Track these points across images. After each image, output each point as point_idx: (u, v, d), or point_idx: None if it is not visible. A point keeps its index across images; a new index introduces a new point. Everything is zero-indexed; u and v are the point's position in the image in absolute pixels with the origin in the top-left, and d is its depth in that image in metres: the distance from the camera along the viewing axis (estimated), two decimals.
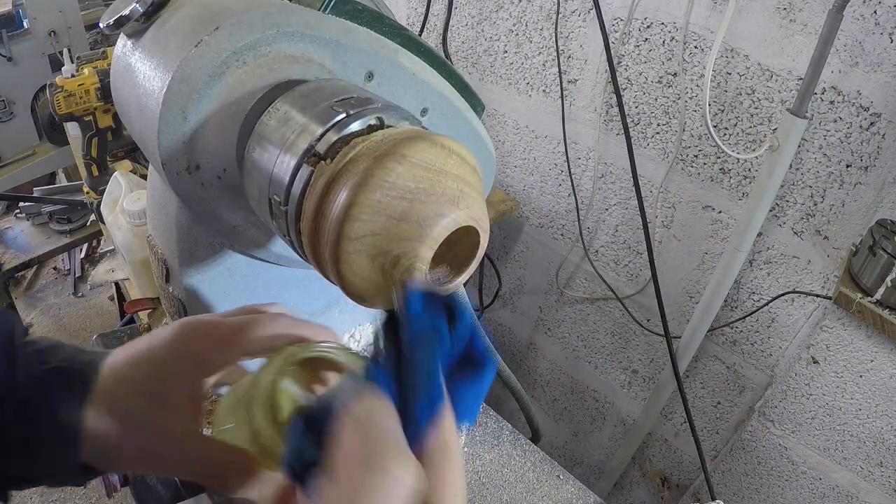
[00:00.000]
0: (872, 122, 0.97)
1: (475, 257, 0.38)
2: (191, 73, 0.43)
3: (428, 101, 0.55)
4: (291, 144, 0.38)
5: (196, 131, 0.44)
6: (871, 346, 1.05)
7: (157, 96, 0.43)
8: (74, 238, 2.48)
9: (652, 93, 1.22)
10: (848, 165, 1.02)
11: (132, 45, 0.48)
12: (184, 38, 0.44)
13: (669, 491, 1.58)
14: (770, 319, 1.22)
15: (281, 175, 0.38)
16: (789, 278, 1.17)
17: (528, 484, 0.93)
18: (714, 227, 1.23)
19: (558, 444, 1.84)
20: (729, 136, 1.14)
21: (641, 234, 1.34)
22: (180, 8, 0.47)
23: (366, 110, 0.38)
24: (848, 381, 1.11)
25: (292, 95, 0.42)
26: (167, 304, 0.60)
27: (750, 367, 1.30)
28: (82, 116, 1.27)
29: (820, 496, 1.25)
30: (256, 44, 0.44)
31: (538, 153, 1.50)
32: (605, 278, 1.47)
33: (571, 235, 1.51)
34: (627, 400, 1.60)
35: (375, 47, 0.50)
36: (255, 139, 0.43)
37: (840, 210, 1.06)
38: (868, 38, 0.93)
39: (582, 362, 1.66)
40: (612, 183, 1.37)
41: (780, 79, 1.04)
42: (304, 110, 0.40)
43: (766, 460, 1.29)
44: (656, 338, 1.44)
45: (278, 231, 0.41)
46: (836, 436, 1.17)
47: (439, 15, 1.55)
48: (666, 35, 1.16)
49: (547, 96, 1.41)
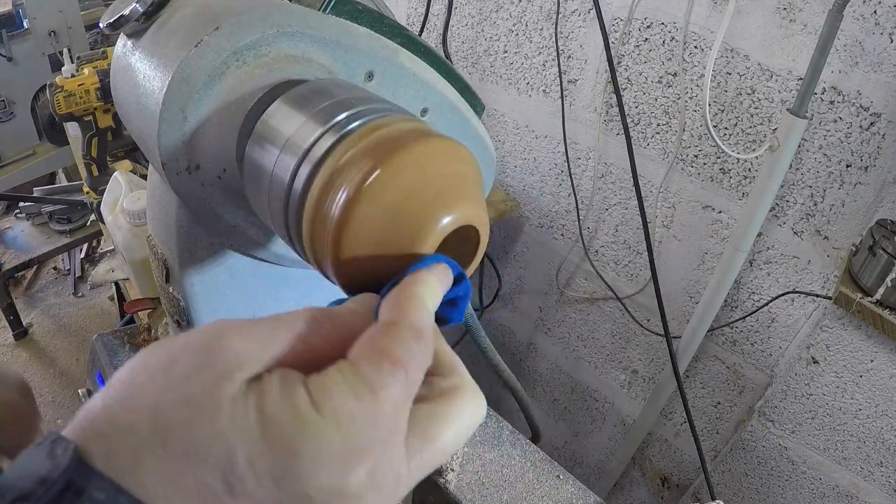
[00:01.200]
0: (872, 122, 0.97)
1: (476, 256, 0.38)
2: (191, 73, 0.43)
3: (428, 101, 0.55)
4: (291, 144, 0.38)
5: (196, 131, 0.44)
6: (871, 346, 1.05)
7: (157, 96, 0.43)
8: (74, 238, 2.49)
9: (652, 93, 1.22)
10: (848, 165, 1.02)
11: (132, 45, 0.48)
12: (184, 37, 0.44)
13: (669, 491, 1.58)
14: (770, 319, 1.22)
15: (281, 175, 0.38)
16: (789, 278, 1.17)
17: (528, 484, 0.93)
18: (714, 227, 1.24)
19: (558, 444, 1.84)
20: (729, 136, 1.14)
21: (641, 233, 1.34)
22: (180, 8, 0.47)
23: (365, 110, 0.38)
24: (848, 381, 1.11)
25: (292, 95, 0.42)
26: (167, 304, 0.60)
27: (750, 367, 1.30)
28: (82, 116, 1.28)
29: (820, 496, 1.25)
30: (256, 44, 0.44)
31: (538, 153, 1.50)
32: (605, 278, 1.48)
33: (571, 235, 1.51)
34: (627, 400, 1.60)
35: (375, 47, 0.50)
36: (254, 139, 0.43)
37: (840, 210, 1.06)
38: (868, 38, 0.93)
39: (582, 362, 1.66)
40: (612, 183, 1.37)
41: (780, 79, 1.04)
42: (304, 110, 0.40)
43: (766, 460, 1.29)
44: (656, 338, 1.44)
45: (278, 231, 0.41)
46: (836, 436, 1.17)
47: (439, 15, 1.55)
48: (666, 35, 1.16)
49: (547, 96, 1.42)
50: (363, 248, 0.33)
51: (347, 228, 0.33)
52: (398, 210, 0.33)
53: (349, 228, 0.33)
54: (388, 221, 0.33)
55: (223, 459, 0.24)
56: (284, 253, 0.55)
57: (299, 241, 0.37)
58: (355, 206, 0.32)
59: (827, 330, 1.09)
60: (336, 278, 0.35)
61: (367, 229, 0.33)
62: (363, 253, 0.33)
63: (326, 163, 0.35)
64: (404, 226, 0.33)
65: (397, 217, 0.33)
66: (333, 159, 0.35)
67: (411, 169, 0.33)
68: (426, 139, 0.34)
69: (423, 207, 0.33)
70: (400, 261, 0.33)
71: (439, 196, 0.33)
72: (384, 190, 0.32)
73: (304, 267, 0.46)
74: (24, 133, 2.19)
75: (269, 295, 0.61)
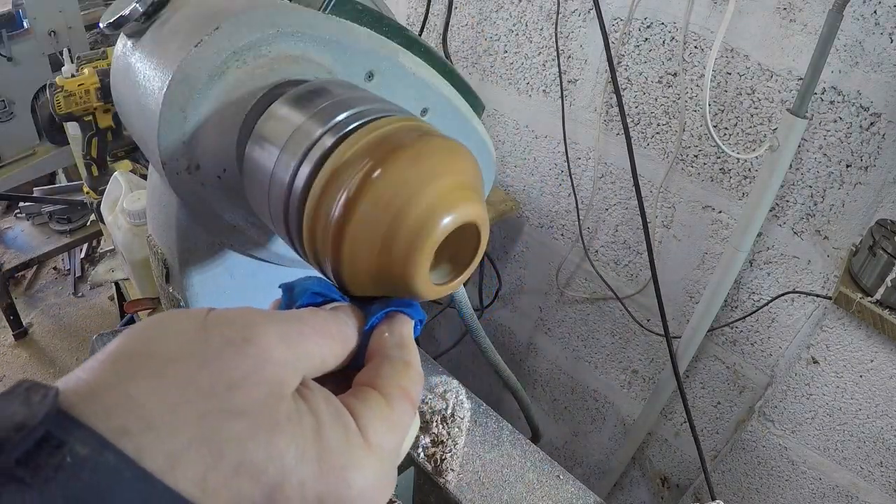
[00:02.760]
0: (872, 122, 0.97)
1: (476, 256, 0.38)
2: (191, 72, 0.43)
3: (428, 102, 0.55)
4: (292, 144, 0.38)
5: (196, 131, 0.44)
6: (871, 346, 1.05)
7: (158, 96, 0.43)
8: (74, 238, 2.49)
9: (652, 93, 1.22)
10: (848, 165, 1.02)
11: (132, 45, 0.48)
12: (184, 37, 0.44)
13: (669, 491, 1.58)
14: (770, 319, 1.22)
15: (281, 175, 0.38)
16: (789, 278, 1.17)
17: (528, 484, 0.93)
18: (714, 227, 1.24)
19: (558, 444, 1.84)
20: (729, 136, 1.14)
21: (641, 234, 1.34)
22: (180, 8, 0.47)
23: (366, 110, 0.38)
24: (848, 381, 1.11)
25: (292, 95, 0.43)
26: (167, 304, 0.60)
27: (750, 366, 1.30)
28: (82, 116, 1.27)
29: (820, 496, 1.25)
30: (256, 44, 0.44)
31: (538, 153, 1.50)
32: (605, 278, 1.48)
33: (571, 235, 1.51)
34: (627, 400, 1.60)
35: (376, 47, 0.50)
36: (255, 139, 0.43)
37: (840, 210, 1.06)
38: (868, 38, 0.93)
39: (582, 362, 1.66)
40: (612, 183, 1.37)
41: (780, 79, 1.04)
42: (304, 110, 0.40)
43: (766, 460, 1.29)
44: (656, 338, 1.44)
45: (278, 231, 0.41)
46: (836, 436, 1.17)
47: (439, 15, 1.55)
48: (666, 35, 1.16)
49: (547, 96, 1.42)
50: (363, 248, 0.33)
51: (347, 228, 0.33)
52: (398, 210, 0.33)
53: (349, 228, 0.33)
54: (388, 221, 0.33)
55: (276, 478, 0.23)
56: (284, 253, 0.55)
57: (299, 241, 0.37)
58: (355, 206, 0.32)
59: (827, 330, 1.09)
60: (336, 278, 0.35)
61: (367, 229, 0.33)
62: (363, 253, 0.33)
63: (327, 163, 0.35)
64: (405, 226, 0.33)
65: (398, 217, 0.33)
66: (334, 159, 0.35)
67: (412, 169, 0.33)
68: (427, 139, 0.34)
69: (424, 207, 0.33)
70: (400, 261, 0.33)
71: (440, 196, 0.33)
72: (384, 189, 0.32)
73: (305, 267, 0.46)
74: (24, 133, 2.18)
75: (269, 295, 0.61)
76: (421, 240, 0.33)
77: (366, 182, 0.32)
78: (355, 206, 0.32)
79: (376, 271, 0.34)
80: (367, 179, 0.32)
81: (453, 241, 0.35)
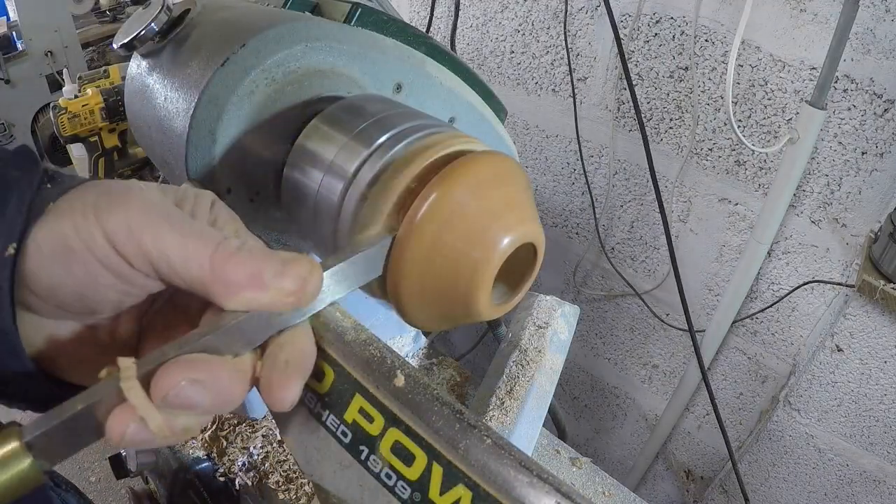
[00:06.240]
0: (886, 108, 0.97)
1: (532, 273, 0.37)
2: (218, 92, 0.41)
3: (455, 110, 0.55)
4: (337, 168, 0.38)
5: (226, 153, 0.43)
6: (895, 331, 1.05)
7: (184, 118, 0.42)
8: None
9: (664, 88, 1.22)
10: (863, 153, 1.02)
11: (148, 66, 0.47)
12: (207, 56, 0.42)
13: (695, 483, 1.58)
14: (790, 309, 1.22)
15: (328, 197, 0.38)
16: (808, 267, 1.17)
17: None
18: (731, 219, 1.23)
19: (580, 442, 1.84)
20: (743, 127, 1.14)
21: (657, 229, 1.34)
22: (197, 25, 0.46)
23: (407, 130, 0.38)
24: (873, 368, 1.10)
25: (330, 115, 0.42)
26: None
27: (771, 356, 1.29)
28: (87, 137, 1.24)
29: (847, 482, 1.25)
30: (285, 60, 0.43)
31: (549, 153, 1.50)
32: (623, 275, 1.48)
33: (587, 234, 1.51)
34: (648, 395, 1.60)
35: (403, 58, 0.50)
36: (294, 161, 0.42)
37: (857, 197, 1.06)
38: (879, 26, 0.93)
39: (601, 359, 1.66)
40: (627, 179, 1.37)
41: (793, 69, 1.04)
42: (346, 132, 0.40)
43: (792, 449, 1.29)
44: (676, 332, 1.44)
45: (327, 252, 0.40)
46: (862, 422, 1.17)
47: (442, 17, 1.55)
48: (676, 29, 1.16)
49: (556, 95, 1.42)
50: (425, 276, 0.33)
51: (409, 254, 0.33)
52: (459, 234, 0.32)
53: (410, 254, 0.33)
54: (450, 245, 0.32)
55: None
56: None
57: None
58: (416, 234, 0.32)
59: (851, 318, 1.09)
60: (392, 301, 0.35)
61: (429, 256, 0.33)
62: (426, 281, 0.33)
63: (376, 188, 0.35)
64: (466, 250, 0.33)
65: (459, 241, 0.32)
66: (384, 183, 0.34)
67: (469, 189, 0.33)
68: (474, 160, 0.34)
69: (484, 229, 0.33)
70: (463, 288, 0.33)
71: (495, 217, 0.33)
72: (445, 214, 0.32)
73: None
74: None
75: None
76: (483, 264, 0.33)
77: (425, 209, 0.32)
78: (416, 234, 0.32)
79: (435, 298, 0.34)
80: (423, 206, 0.32)
81: (510, 259, 0.35)
